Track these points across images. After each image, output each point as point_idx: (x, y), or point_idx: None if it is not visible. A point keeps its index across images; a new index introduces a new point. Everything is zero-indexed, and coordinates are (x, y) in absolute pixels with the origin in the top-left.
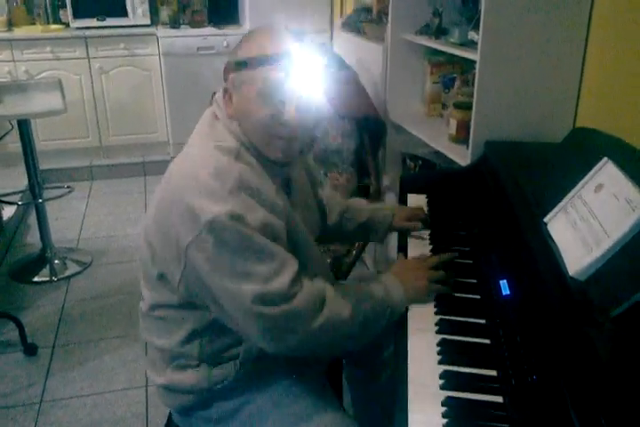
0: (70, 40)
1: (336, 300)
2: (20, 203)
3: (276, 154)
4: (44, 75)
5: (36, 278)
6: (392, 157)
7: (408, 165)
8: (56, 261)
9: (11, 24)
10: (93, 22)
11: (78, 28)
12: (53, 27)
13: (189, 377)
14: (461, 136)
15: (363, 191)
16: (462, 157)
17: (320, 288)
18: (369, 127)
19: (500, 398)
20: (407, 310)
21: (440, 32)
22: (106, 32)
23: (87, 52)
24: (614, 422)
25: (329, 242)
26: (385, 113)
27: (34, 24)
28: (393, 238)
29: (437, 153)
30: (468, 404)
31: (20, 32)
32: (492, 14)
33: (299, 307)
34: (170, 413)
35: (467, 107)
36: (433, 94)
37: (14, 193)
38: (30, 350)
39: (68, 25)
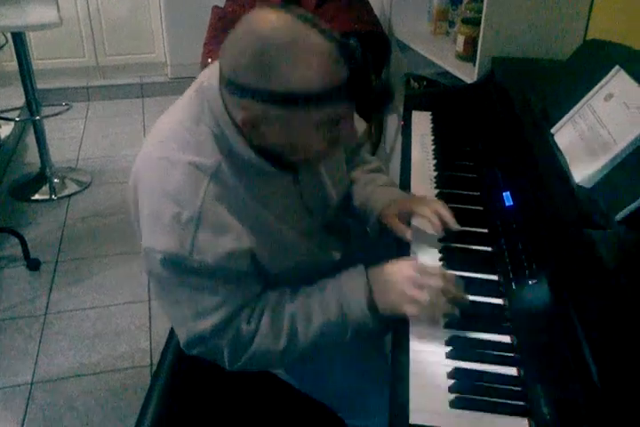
0: None
1: (267, 336)
2: (17, 119)
3: (302, 163)
4: None
5: (36, 196)
6: (396, 77)
7: (412, 85)
8: (55, 180)
9: None
10: None
11: None
12: None
13: None
14: (468, 53)
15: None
16: (468, 74)
17: (251, 330)
18: (373, 45)
19: (500, 301)
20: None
21: None
22: None
23: None
24: (613, 321)
25: None
26: (390, 30)
27: None
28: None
29: (443, 74)
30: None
31: None
32: None
33: (220, 351)
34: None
35: (475, 22)
36: (440, 11)
37: (11, 110)
38: (33, 264)
39: None
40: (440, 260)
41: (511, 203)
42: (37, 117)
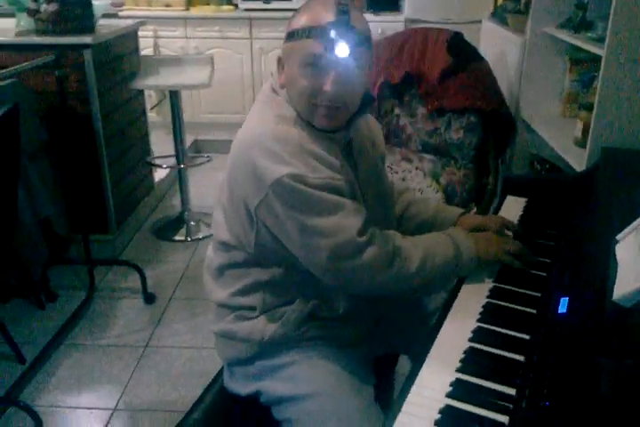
0: (237, 20)
1: (406, 254)
2: (164, 166)
3: (320, 122)
4: (210, 52)
5: (175, 237)
6: (520, 158)
7: (536, 167)
8: (192, 223)
9: (189, 3)
10: (259, 4)
11: (245, 10)
12: (225, 7)
13: (245, 327)
14: (586, 140)
15: (479, 190)
16: (579, 162)
17: (390, 241)
18: (496, 123)
19: (504, 418)
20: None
21: (583, 26)
22: (270, 15)
23: (250, 33)
24: None
25: None
26: (517, 110)
27: (208, 4)
28: None
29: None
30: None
31: (194, 11)
32: (624, 5)
33: (369, 262)
34: (221, 369)
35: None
36: (571, 93)
37: (167, 156)
38: (149, 299)
39: (237, 6)
40: (460, 361)
41: (564, 310)
42: (182, 166)
